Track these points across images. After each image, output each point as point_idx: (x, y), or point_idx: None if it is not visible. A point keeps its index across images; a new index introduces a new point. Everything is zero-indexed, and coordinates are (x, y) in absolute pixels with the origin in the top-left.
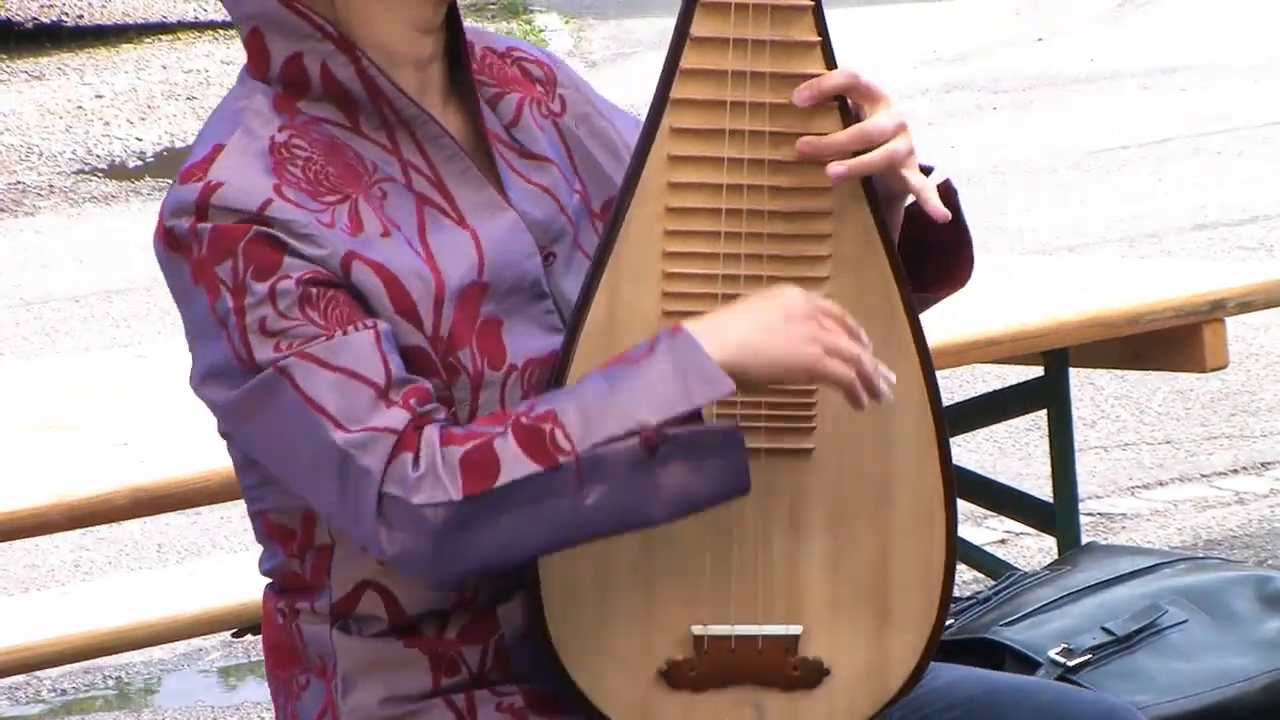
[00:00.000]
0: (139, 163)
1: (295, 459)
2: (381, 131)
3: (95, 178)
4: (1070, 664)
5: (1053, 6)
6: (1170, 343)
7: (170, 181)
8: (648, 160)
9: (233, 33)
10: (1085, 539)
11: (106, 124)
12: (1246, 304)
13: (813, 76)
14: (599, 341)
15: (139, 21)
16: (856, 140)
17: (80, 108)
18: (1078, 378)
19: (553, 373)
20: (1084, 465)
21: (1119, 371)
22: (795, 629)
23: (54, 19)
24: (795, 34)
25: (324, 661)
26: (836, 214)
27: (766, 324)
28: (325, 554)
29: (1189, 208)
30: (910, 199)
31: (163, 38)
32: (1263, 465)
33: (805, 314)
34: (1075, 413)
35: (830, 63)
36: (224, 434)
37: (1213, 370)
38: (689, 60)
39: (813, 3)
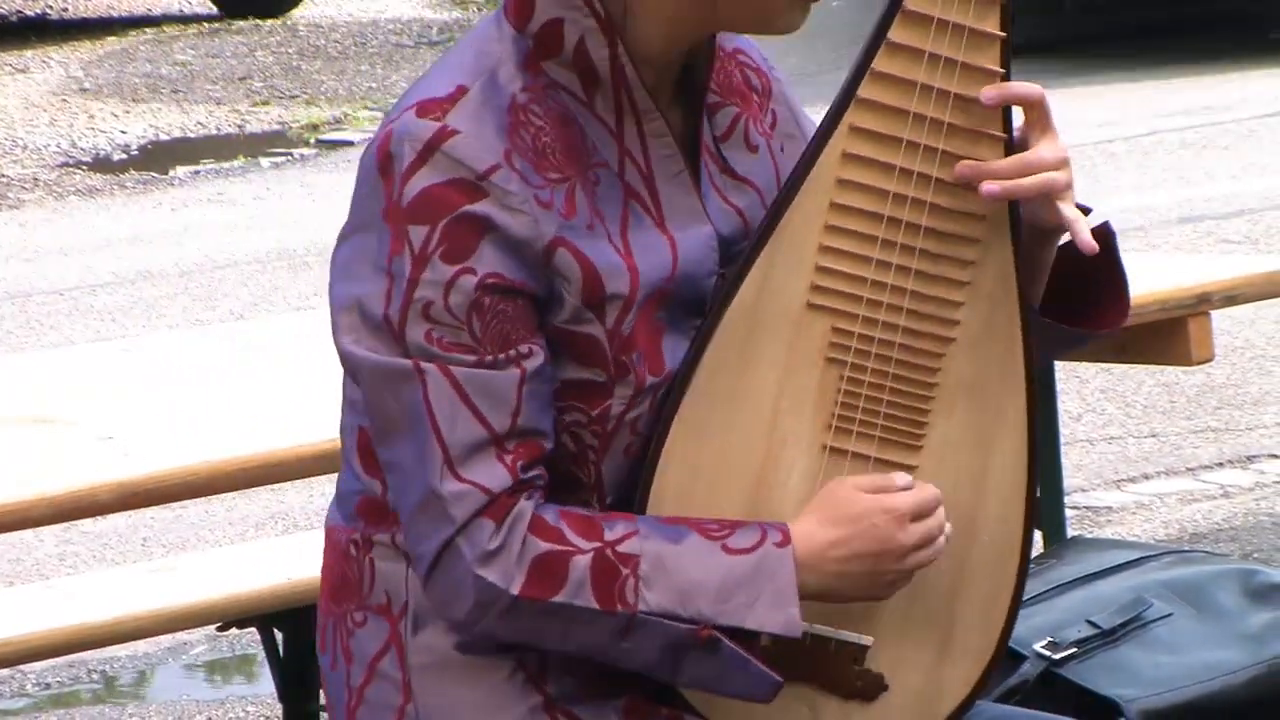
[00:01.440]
0: (123, 156)
1: (391, 443)
2: (611, 114)
3: (79, 171)
4: (1055, 657)
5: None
6: (1156, 336)
7: (153, 174)
8: (823, 152)
9: (217, 25)
10: (1071, 532)
11: (91, 117)
12: (1232, 297)
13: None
14: (742, 322)
15: (124, 14)
16: (1016, 168)
17: (64, 101)
18: (1063, 370)
19: (692, 344)
20: (1069, 459)
21: (1105, 364)
22: (867, 640)
23: (38, 12)
24: (983, 61)
25: (391, 599)
26: (983, 245)
27: (865, 560)
28: None
29: (1175, 201)
30: (1066, 237)
31: (147, 31)
32: (1248, 459)
33: (902, 552)
34: (1061, 406)
35: None
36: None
37: (1198, 364)
38: (881, 63)
39: (1004, 34)
